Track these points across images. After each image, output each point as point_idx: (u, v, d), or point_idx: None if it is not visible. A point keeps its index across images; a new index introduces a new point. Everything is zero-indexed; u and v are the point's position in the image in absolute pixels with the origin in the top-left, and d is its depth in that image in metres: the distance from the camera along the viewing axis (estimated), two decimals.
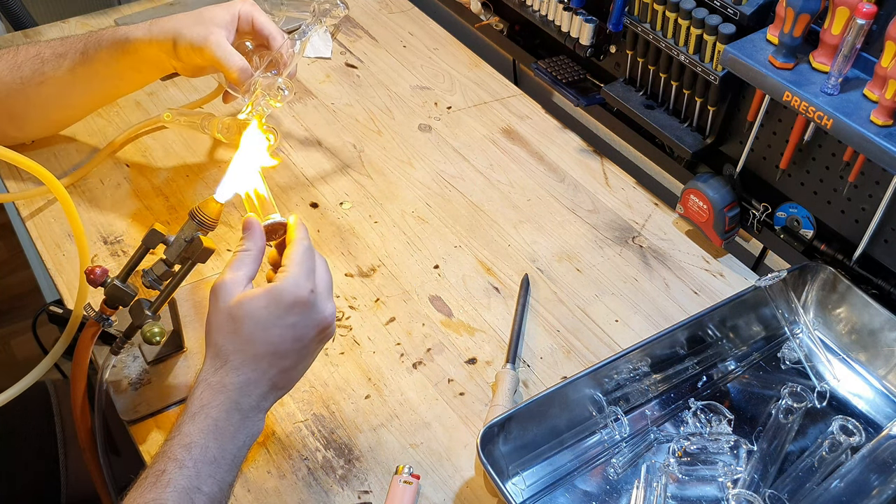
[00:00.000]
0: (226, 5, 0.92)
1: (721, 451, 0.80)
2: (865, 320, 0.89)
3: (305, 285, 0.68)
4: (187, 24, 0.90)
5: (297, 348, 0.69)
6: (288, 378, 0.71)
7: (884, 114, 0.78)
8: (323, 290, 0.70)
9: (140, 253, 0.75)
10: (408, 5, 1.43)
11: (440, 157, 1.14)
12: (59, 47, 0.94)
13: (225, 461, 0.66)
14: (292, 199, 1.06)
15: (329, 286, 0.71)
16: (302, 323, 0.68)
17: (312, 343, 0.70)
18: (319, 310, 0.69)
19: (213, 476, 0.64)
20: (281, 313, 0.67)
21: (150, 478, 0.63)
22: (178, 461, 0.64)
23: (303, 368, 0.72)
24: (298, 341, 0.69)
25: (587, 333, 0.93)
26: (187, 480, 0.63)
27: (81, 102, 1.02)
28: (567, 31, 1.14)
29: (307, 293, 0.68)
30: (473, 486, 0.79)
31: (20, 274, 2.16)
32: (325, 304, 0.70)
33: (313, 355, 0.72)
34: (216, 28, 0.89)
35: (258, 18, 0.93)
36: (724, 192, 1.00)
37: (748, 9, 0.89)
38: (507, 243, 1.03)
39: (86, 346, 0.77)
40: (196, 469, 0.64)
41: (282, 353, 0.68)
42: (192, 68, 0.94)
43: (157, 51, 0.91)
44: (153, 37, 0.91)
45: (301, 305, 0.68)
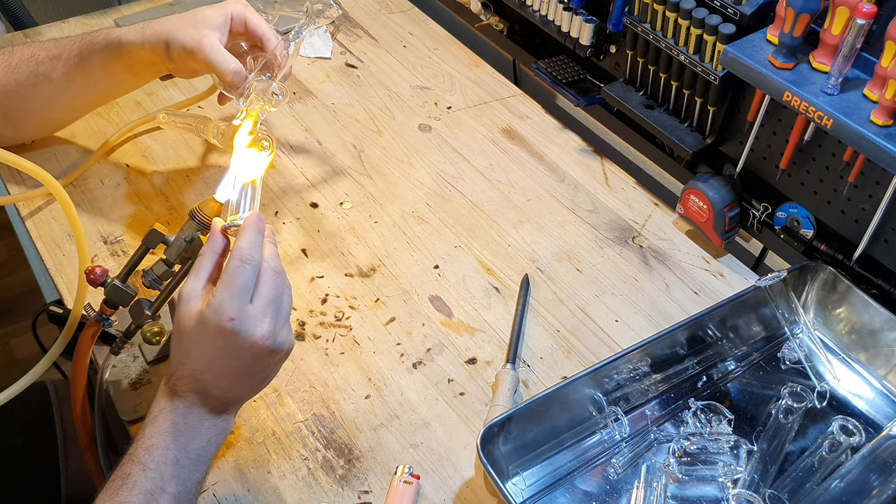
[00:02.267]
0: (218, 6, 0.92)
1: (721, 451, 0.80)
2: (865, 320, 0.89)
3: (226, 313, 0.64)
4: (180, 26, 0.89)
5: (236, 368, 0.67)
6: (237, 393, 0.69)
7: (884, 114, 0.78)
8: (255, 311, 0.66)
9: (140, 253, 0.75)
10: (408, 5, 1.43)
11: (440, 157, 1.14)
12: (53, 49, 0.94)
13: (188, 461, 0.66)
14: (292, 198, 1.06)
15: (270, 302, 0.67)
16: (231, 348, 0.65)
17: (254, 364, 0.67)
18: (245, 335, 0.65)
19: (176, 476, 0.65)
20: (208, 338, 0.66)
21: (117, 481, 0.64)
22: (141, 464, 0.64)
23: (256, 384, 0.70)
24: (234, 361, 0.66)
25: (587, 333, 0.93)
26: (151, 482, 0.64)
27: (77, 104, 1.01)
28: (567, 31, 1.14)
29: (226, 321, 0.64)
30: (473, 486, 0.79)
31: (20, 274, 2.16)
32: (255, 327, 0.65)
33: (266, 371, 0.70)
34: (209, 30, 0.89)
35: (251, 19, 0.92)
36: (724, 192, 1.00)
37: (748, 9, 0.89)
38: (507, 243, 1.03)
39: (86, 346, 0.77)
40: (159, 471, 0.64)
41: (220, 374, 0.67)
42: (186, 70, 0.94)
43: (151, 54, 0.91)
44: (146, 40, 0.90)
45: (224, 334, 0.65)
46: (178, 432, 0.66)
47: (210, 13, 0.90)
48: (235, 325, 0.65)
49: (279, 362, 0.70)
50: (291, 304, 0.70)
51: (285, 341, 0.68)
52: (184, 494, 0.65)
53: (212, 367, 0.67)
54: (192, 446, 0.67)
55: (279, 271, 0.69)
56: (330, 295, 0.95)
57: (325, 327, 0.91)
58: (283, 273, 0.69)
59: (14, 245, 2.18)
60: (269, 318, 0.67)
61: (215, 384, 0.67)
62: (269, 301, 0.67)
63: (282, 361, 0.71)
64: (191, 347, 0.67)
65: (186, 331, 0.66)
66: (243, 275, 0.66)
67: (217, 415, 0.68)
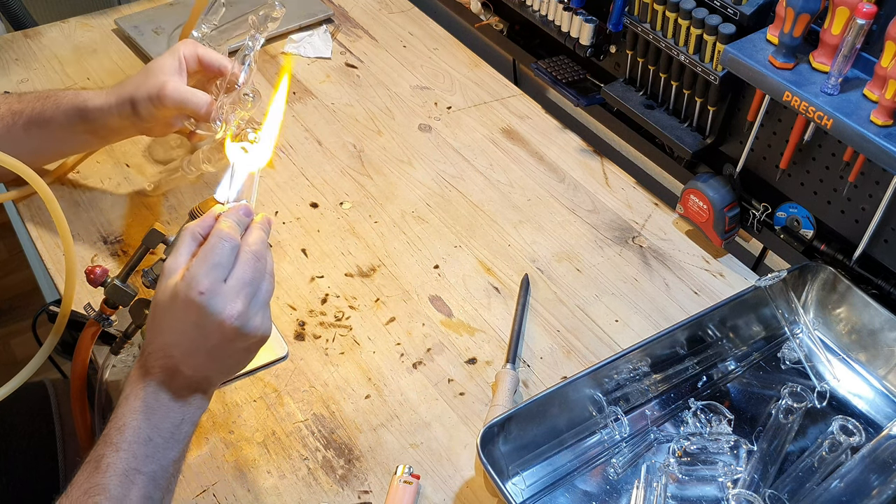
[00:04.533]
0: (168, 53, 0.93)
1: (721, 451, 0.80)
2: (865, 320, 0.89)
3: (197, 286, 0.64)
4: (140, 81, 0.91)
5: (206, 347, 0.66)
6: (208, 374, 0.68)
7: (884, 114, 0.78)
8: (227, 290, 0.65)
9: (140, 253, 0.75)
10: (408, 5, 1.43)
11: (440, 157, 1.14)
12: (16, 104, 0.94)
13: (161, 439, 0.65)
14: (292, 199, 1.06)
15: (245, 283, 0.66)
16: (200, 324, 0.65)
17: (223, 345, 0.66)
18: (214, 312, 0.64)
19: (150, 456, 0.64)
20: (179, 311, 0.65)
21: (91, 463, 0.64)
22: (113, 445, 0.64)
23: (227, 367, 0.70)
24: (203, 339, 0.66)
25: (587, 333, 0.93)
26: (124, 463, 0.63)
27: (33, 159, 0.99)
28: (567, 31, 1.14)
29: (196, 295, 0.64)
30: (473, 486, 0.79)
31: (20, 274, 2.16)
32: (225, 305, 0.65)
33: (236, 356, 0.69)
34: (167, 76, 0.90)
35: (202, 54, 0.94)
36: (724, 192, 1.00)
37: (748, 9, 0.89)
38: (507, 243, 1.03)
39: (86, 346, 0.77)
40: (131, 451, 0.64)
41: (189, 350, 0.66)
42: (158, 125, 0.94)
43: (118, 118, 0.92)
44: (111, 105, 0.91)
45: (194, 308, 0.64)
46: (150, 411, 0.65)
47: (163, 61, 0.92)
48: (205, 300, 0.64)
49: (253, 348, 0.69)
50: (271, 292, 0.70)
51: (258, 328, 0.67)
52: (160, 474, 0.65)
53: (181, 343, 0.66)
54: (165, 425, 0.66)
55: (260, 256, 0.68)
56: (330, 295, 0.95)
57: (325, 327, 0.91)
58: (264, 259, 0.69)
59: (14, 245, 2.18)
60: (242, 300, 0.66)
61: (185, 361, 0.66)
62: (244, 282, 0.66)
63: (256, 348, 0.70)
64: (163, 320, 0.66)
65: (160, 304, 0.66)
66: (220, 252, 0.66)
67: (189, 393, 0.67)
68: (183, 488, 0.76)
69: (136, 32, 1.26)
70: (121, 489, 0.63)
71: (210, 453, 0.79)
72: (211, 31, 1.11)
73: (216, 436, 0.81)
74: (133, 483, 0.63)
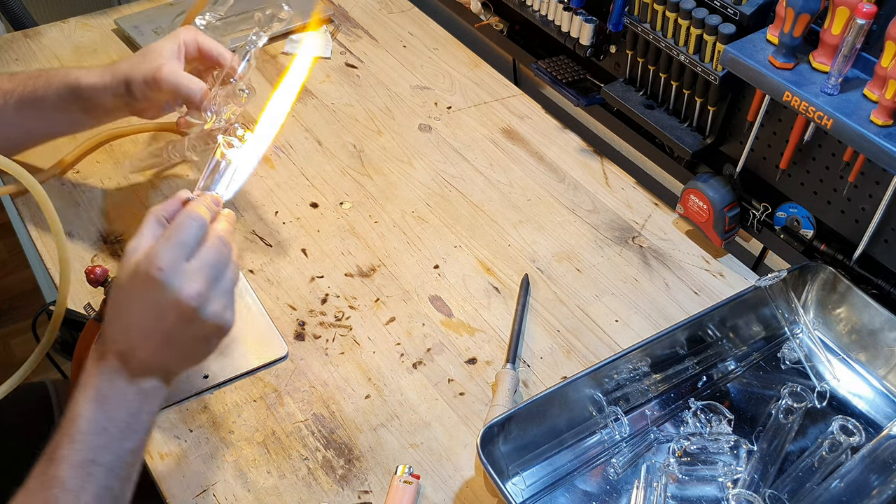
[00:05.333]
0: (168, 37, 0.92)
1: (721, 451, 0.80)
2: (865, 320, 0.89)
3: (157, 261, 0.63)
4: (136, 62, 0.90)
5: (162, 330, 0.65)
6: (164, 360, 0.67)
7: (884, 114, 0.78)
8: (188, 269, 0.64)
9: None
10: (408, 5, 1.43)
11: (440, 157, 1.14)
12: (6, 83, 0.93)
13: (116, 430, 0.64)
14: (292, 198, 1.06)
15: (208, 266, 0.66)
16: (157, 302, 0.64)
17: (180, 328, 0.65)
18: (172, 289, 0.63)
19: (106, 446, 0.63)
20: (137, 288, 0.65)
21: (48, 453, 0.63)
22: (69, 435, 0.63)
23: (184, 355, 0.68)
24: (160, 320, 0.65)
25: (587, 333, 0.93)
26: (80, 454, 0.62)
27: (23, 140, 1.00)
28: (567, 31, 1.14)
29: (156, 270, 0.63)
30: (473, 486, 0.79)
31: (20, 274, 2.16)
32: (183, 283, 0.64)
33: (193, 343, 0.68)
34: (165, 59, 0.90)
35: (203, 42, 0.93)
36: (724, 192, 1.00)
37: (748, 9, 0.89)
38: (507, 243, 1.03)
39: (86, 346, 0.77)
40: (86, 441, 0.63)
41: (145, 333, 0.65)
42: (151, 108, 0.94)
43: (111, 97, 0.91)
44: (106, 84, 0.91)
45: (152, 284, 0.63)
46: (103, 399, 0.64)
47: (163, 44, 0.91)
48: (163, 276, 0.63)
49: (212, 338, 0.68)
50: (235, 281, 0.69)
51: (218, 315, 0.66)
52: (117, 465, 0.64)
53: (138, 324, 0.65)
54: (120, 415, 0.65)
55: (226, 242, 0.68)
56: (330, 295, 0.95)
57: (325, 327, 0.91)
58: (230, 246, 0.68)
59: (14, 245, 2.18)
60: (202, 281, 0.65)
61: (141, 345, 0.65)
62: (207, 264, 0.66)
63: (215, 339, 0.68)
64: (121, 300, 0.65)
65: (120, 284, 0.65)
66: (186, 230, 0.65)
67: (145, 381, 0.66)
68: (183, 488, 0.76)
69: (136, 32, 1.26)
70: (77, 481, 0.62)
71: (210, 453, 0.79)
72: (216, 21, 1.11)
73: (216, 436, 0.81)
74: (90, 475, 0.62)
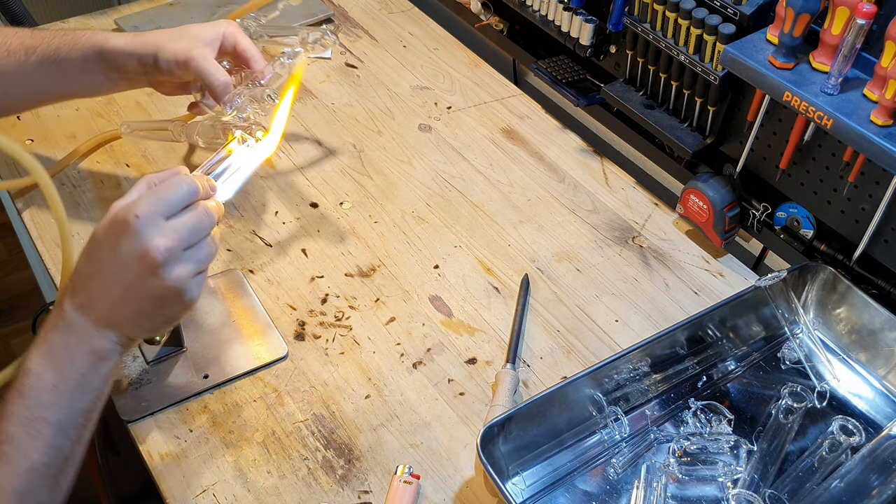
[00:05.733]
0: (210, 24, 0.92)
1: (721, 451, 0.80)
2: (865, 320, 0.89)
3: (135, 209, 0.64)
4: (171, 38, 0.90)
5: (124, 281, 0.65)
6: (121, 316, 0.66)
7: (884, 114, 0.78)
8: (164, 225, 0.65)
9: None
10: (408, 5, 1.43)
11: (440, 157, 1.14)
12: (29, 39, 0.92)
13: (66, 388, 0.64)
14: (292, 198, 1.06)
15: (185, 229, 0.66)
16: (124, 249, 0.64)
17: (140, 282, 0.65)
18: (141, 238, 0.64)
19: (56, 404, 0.63)
20: (109, 233, 0.65)
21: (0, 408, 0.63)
22: (19, 391, 0.63)
23: (140, 314, 0.67)
24: (123, 269, 0.65)
25: (587, 333, 0.93)
26: (29, 411, 0.62)
27: (38, 98, 0.99)
28: (567, 31, 1.14)
29: (132, 216, 0.63)
30: (473, 486, 0.79)
31: (20, 274, 2.16)
32: (155, 235, 0.64)
33: (151, 303, 0.67)
34: (200, 44, 0.89)
35: (241, 42, 0.93)
36: (724, 192, 1.00)
37: (748, 9, 0.89)
38: (507, 243, 1.03)
39: None
40: (36, 398, 0.62)
41: (106, 283, 0.65)
42: (170, 85, 0.94)
43: (137, 63, 0.90)
44: (134, 48, 0.90)
45: (123, 228, 0.64)
46: (55, 355, 0.64)
47: (202, 29, 0.91)
48: (138, 224, 0.63)
49: (169, 304, 0.67)
50: (211, 257, 0.69)
51: (182, 279, 0.66)
52: (67, 424, 0.63)
53: (102, 271, 0.65)
54: (71, 372, 0.65)
55: (210, 215, 0.68)
56: (330, 295, 0.95)
57: (325, 327, 0.91)
58: (213, 222, 0.68)
59: (14, 245, 2.18)
60: (175, 240, 0.65)
61: (100, 295, 0.65)
62: (185, 227, 0.66)
63: (174, 305, 0.68)
64: (92, 247, 0.65)
65: (95, 233, 0.66)
66: (174, 190, 0.66)
67: (98, 337, 0.66)
68: (183, 488, 0.76)
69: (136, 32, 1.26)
70: (26, 437, 0.62)
71: (210, 453, 0.79)
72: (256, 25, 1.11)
73: (216, 436, 0.81)
74: (39, 432, 0.62)
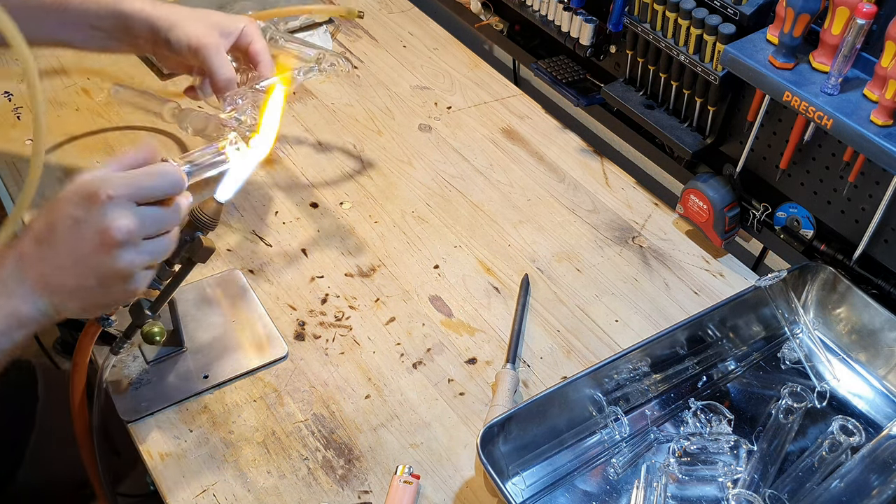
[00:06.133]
0: (233, 17, 0.91)
1: (721, 451, 0.80)
2: (865, 320, 0.89)
3: (110, 188, 0.63)
4: (190, 18, 0.88)
5: (76, 250, 0.65)
6: (59, 282, 0.66)
7: (884, 114, 0.78)
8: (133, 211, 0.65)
9: None
10: (408, 5, 1.43)
11: (440, 157, 1.14)
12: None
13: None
14: (292, 198, 1.06)
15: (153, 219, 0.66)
16: (87, 220, 0.64)
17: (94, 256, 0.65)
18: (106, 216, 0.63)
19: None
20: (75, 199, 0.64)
21: None
22: None
23: (77, 287, 0.66)
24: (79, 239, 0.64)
25: (587, 333, 0.93)
26: None
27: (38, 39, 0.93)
28: (567, 31, 1.14)
29: (104, 194, 0.63)
30: (473, 486, 0.79)
31: None
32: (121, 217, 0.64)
33: (93, 282, 0.66)
34: (217, 33, 0.88)
35: (257, 44, 0.92)
36: (724, 192, 1.00)
37: (748, 9, 0.89)
38: (507, 243, 1.03)
39: (86, 346, 0.77)
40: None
41: (59, 247, 0.65)
42: (175, 63, 0.92)
43: (148, 31, 0.88)
44: (151, 15, 0.88)
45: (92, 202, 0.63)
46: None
47: (222, 19, 0.90)
48: (109, 203, 0.63)
49: (113, 285, 0.67)
50: (165, 253, 0.69)
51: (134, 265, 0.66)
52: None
53: (55, 236, 0.65)
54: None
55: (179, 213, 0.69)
56: (330, 295, 0.95)
57: (325, 327, 0.91)
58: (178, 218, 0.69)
59: None
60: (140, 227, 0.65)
61: (47, 258, 0.65)
62: (152, 218, 0.66)
63: (116, 288, 0.67)
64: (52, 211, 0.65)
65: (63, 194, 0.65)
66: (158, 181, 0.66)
67: (26, 299, 0.66)
68: (183, 488, 0.76)
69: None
70: None
71: (210, 453, 0.79)
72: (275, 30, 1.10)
73: (216, 436, 0.81)
74: None
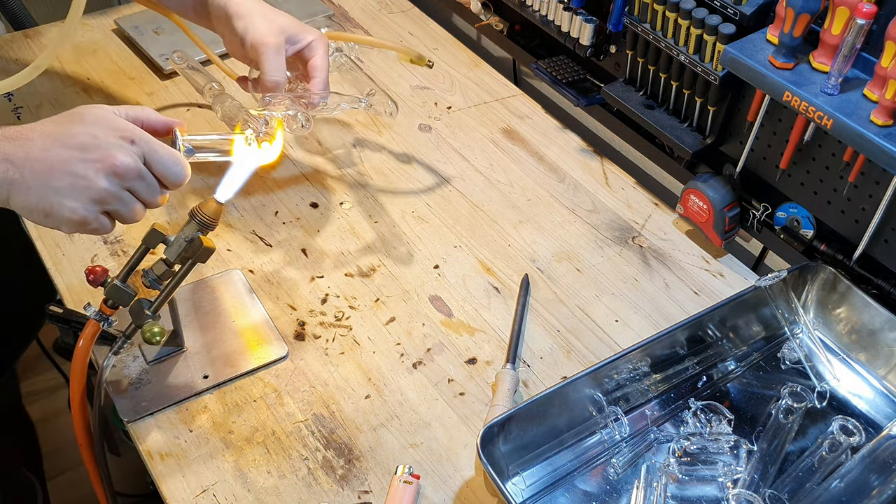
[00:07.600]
0: (305, 27, 0.91)
1: (721, 451, 0.80)
2: (865, 320, 0.89)
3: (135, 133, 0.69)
4: (262, 15, 0.88)
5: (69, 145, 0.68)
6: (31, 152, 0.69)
7: (884, 114, 0.78)
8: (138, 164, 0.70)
9: (140, 253, 0.75)
10: (408, 5, 1.43)
11: (440, 157, 1.14)
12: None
13: None
14: (292, 198, 1.06)
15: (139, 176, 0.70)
16: (98, 133, 0.69)
17: (78, 159, 0.69)
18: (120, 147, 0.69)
19: None
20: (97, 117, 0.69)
21: None
22: None
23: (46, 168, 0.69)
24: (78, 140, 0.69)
25: (587, 333, 0.93)
26: None
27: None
28: (567, 31, 1.14)
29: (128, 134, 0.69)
30: (473, 486, 0.79)
31: None
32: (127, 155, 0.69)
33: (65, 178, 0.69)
34: (282, 37, 0.88)
35: (319, 60, 0.91)
36: (724, 192, 1.00)
37: (748, 9, 0.89)
38: (507, 243, 1.03)
39: (86, 346, 0.77)
40: None
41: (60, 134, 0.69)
42: (237, 52, 0.92)
43: (224, 14, 0.89)
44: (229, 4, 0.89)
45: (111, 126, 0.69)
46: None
47: (292, 25, 0.90)
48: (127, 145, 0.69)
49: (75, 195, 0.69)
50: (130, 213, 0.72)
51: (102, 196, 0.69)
52: None
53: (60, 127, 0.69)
54: None
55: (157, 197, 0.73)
56: (330, 295, 0.95)
57: (325, 327, 0.91)
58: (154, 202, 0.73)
59: None
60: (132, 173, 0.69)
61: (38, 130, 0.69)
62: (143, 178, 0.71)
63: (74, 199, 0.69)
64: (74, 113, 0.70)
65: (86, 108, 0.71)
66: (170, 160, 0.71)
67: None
68: (183, 488, 0.76)
69: (136, 32, 1.26)
70: None
71: (210, 453, 0.79)
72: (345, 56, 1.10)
73: (216, 436, 0.81)
74: None
